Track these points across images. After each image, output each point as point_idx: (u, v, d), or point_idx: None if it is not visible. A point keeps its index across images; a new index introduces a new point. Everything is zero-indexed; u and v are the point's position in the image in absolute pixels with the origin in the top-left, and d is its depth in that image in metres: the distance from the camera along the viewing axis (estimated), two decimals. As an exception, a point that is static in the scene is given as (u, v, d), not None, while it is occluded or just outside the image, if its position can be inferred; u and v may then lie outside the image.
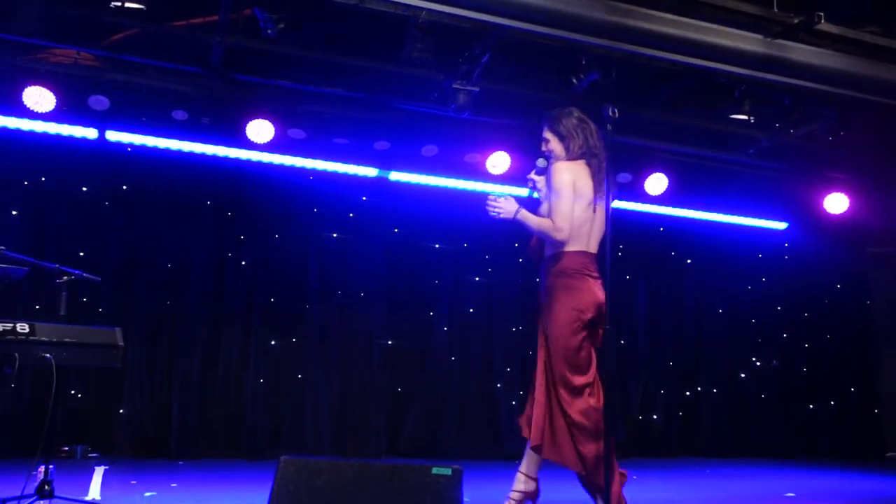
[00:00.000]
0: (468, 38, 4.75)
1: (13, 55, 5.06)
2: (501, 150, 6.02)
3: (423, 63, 4.53)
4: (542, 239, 3.71)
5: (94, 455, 5.51)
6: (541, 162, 3.83)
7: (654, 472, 5.87)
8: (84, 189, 5.78)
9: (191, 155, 5.85)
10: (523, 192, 6.62)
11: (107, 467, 4.16)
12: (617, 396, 6.80)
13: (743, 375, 7.54)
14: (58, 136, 5.48)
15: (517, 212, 3.63)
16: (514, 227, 4.42)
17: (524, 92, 5.43)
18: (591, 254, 3.69)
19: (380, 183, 6.32)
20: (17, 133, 5.39)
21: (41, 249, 5.40)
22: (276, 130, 5.59)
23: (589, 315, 3.60)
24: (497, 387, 6.71)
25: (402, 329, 6.56)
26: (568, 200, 3.60)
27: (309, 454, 5.85)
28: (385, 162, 6.17)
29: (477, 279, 6.85)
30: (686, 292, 7.50)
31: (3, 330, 2.99)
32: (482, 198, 6.51)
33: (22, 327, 3.06)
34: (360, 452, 6.10)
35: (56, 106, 5.15)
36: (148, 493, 4.26)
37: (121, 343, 3.36)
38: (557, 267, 3.63)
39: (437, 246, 6.74)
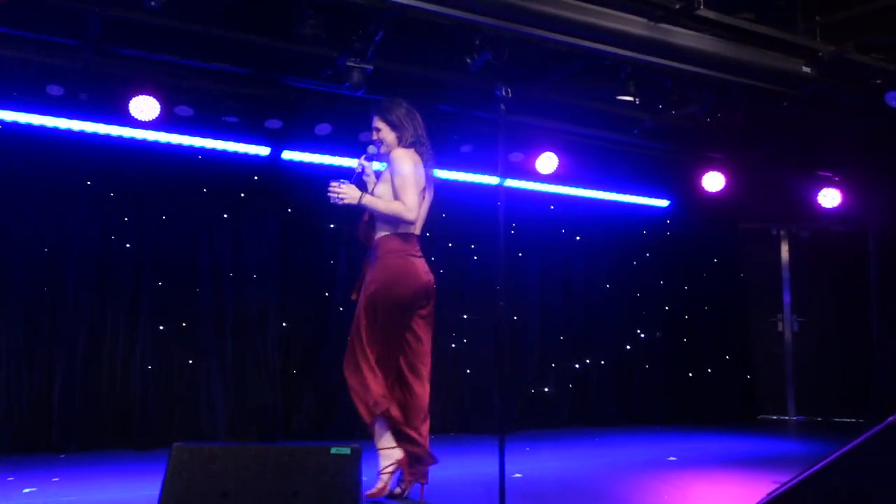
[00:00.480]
0: (362, 16, 4.70)
1: None
2: (395, 129, 6.00)
3: (315, 40, 4.45)
4: (374, 222, 3.95)
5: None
6: (371, 149, 4.05)
7: (546, 443, 6.09)
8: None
9: (68, 132, 5.55)
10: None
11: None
12: (511, 371, 6.99)
13: (629, 347, 7.88)
14: None
15: (361, 197, 3.87)
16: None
17: (419, 71, 5.44)
18: (417, 236, 4.00)
19: (272, 162, 6.19)
20: None
21: None
22: (161, 107, 5.38)
23: (416, 291, 3.88)
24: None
25: (298, 310, 6.47)
26: (413, 185, 3.88)
27: (204, 440, 5.71)
28: (277, 141, 6.05)
29: (372, 259, 6.83)
30: (575, 268, 7.75)
31: None
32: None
33: None
34: (258, 436, 6.00)
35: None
36: (27, 490, 4.07)
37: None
38: (388, 247, 3.89)
39: (331, 226, 6.66)
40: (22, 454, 5.28)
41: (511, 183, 7.03)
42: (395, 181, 3.88)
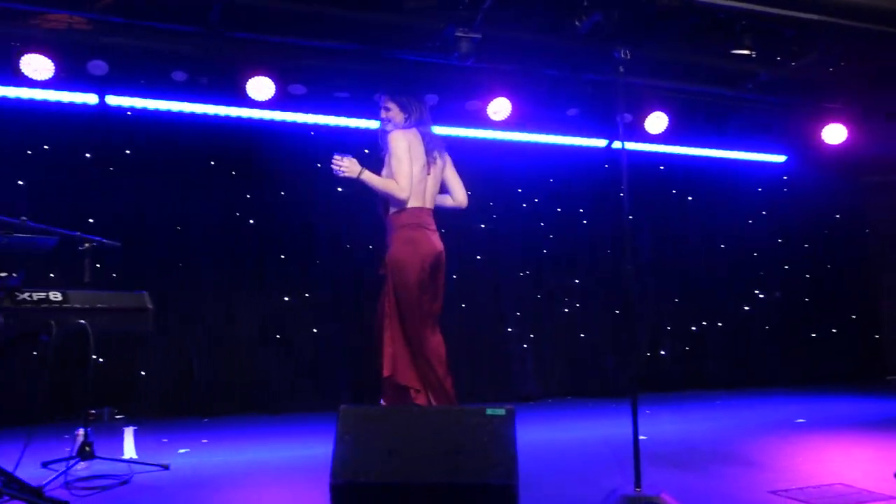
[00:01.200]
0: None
1: (7, 23, 4.99)
2: (503, 96, 6.01)
3: (423, 12, 4.49)
4: (385, 198, 4.28)
5: (121, 417, 5.62)
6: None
7: (664, 406, 6.04)
8: (88, 155, 5.75)
9: (192, 116, 5.82)
10: (526, 137, 6.68)
11: (135, 428, 4.26)
12: (626, 334, 6.95)
13: (746, 308, 7.67)
14: (58, 104, 5.45)
15: (361, 172, 4.24)
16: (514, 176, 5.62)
17: (527, 37, 5.39)
18: (428, 209, 4.33)
19: (383, 135, 6.30)
20: (18, 102, 5.35)
21: (51, 218, 5.39)
22: (276, 87, 5.55)
23: (429, 262, 4.19)
24: (509, 331, 6.83)
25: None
26: (406, 163, 4.21)
27: (330, 406, 5.97)
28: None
29: (483, 226, 6.90)
30: (689, 230, 7.57)
31: (38, 299, 3.04)
32: (485, 145, 6.59)
33: (55, 295, 3.11)
34: (378, 402, 6.22)
35: (55, 72, 5.09)
36: (182, 450, 4.38)
37: (150, 306, 3.44)
38: (400, 222, 4.24)
39: (440, 195, 6.76)
40: (168, 418, 5.68)
41: (618, 144, 6.92)
42: (391, 162, 4.24)
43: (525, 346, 6.87)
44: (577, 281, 7.13)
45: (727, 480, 3.52)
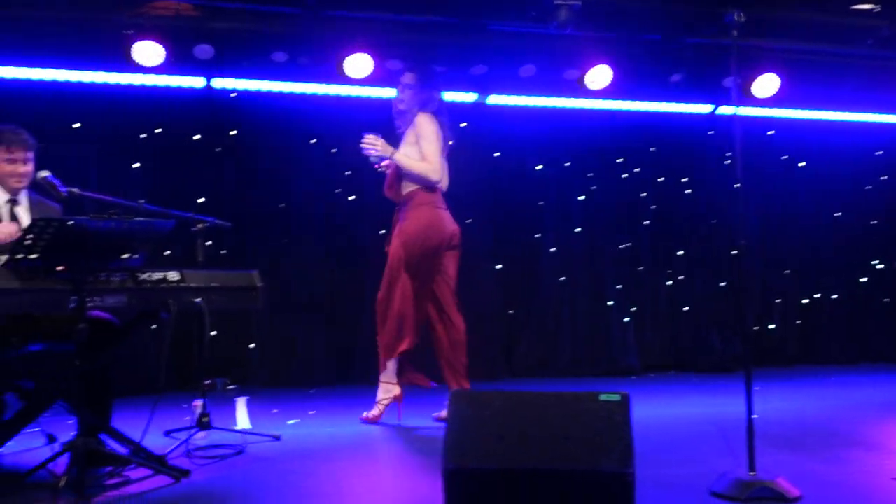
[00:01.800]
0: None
1: (119, 12, 5.21)
2: (602, 63, 5.84)
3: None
4: (401, 179, 4.41)
5: (233, 387, 5.87)
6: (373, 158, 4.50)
7: (774, 383, 5.81)
8: (196, 137, 5.96)
9: (292, 95, 5.94)
10: (625, 105, 6.48)
11: (247, 398, 4.44)
12: (732, 307, 6.71)
13: (863, 280, 7.26)
14: (167, 88, 5.66)
15: (393, 152, 4.34)
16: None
17: (627, 3, 5.21)
18: (443, 191, 4.49)
19: (478, 108, 6.27)
20: (130, 88, 5.59)
21: (164, 199, 5.63)
22: (374, 64, 5.59)
23: (446, 241, 4.36)
24: (608, 304, 6.72)
25: (510, 253, 6.61)
26: (436, 145, 4.33)
27: (435, 380, 6.05)
28: (483, 86, 6.10)
29: (581, 198, 6.78)
30: (800, 197, 7.21)
31: (158, 279, 3.18)
32: (583, 115, 6.44)
33: (173, 275, 3.24)
34: (478, 376, 6.25)
35: (164, 58, 5.29)
36: (291, 421, 4.54)
37: (259, 284, 3.53)
38: (418, 200, 4.35)
39: (539, 167, 6.69)
40: (277, 388, 5.89)
41: (724, 110, 6.63)
42: (422, 144, 4.31)
43: (625, 319, 6.75)
44: (680, 252, 6.92)
45: (847, 465, 3.36)
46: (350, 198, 6.28)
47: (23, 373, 3.24)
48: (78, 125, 5.69)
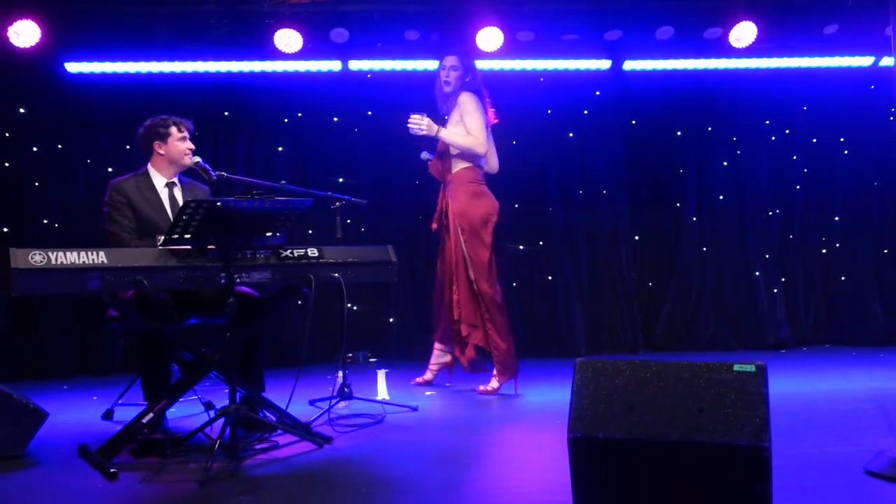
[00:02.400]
0: None
1: (260, 3, 5.46)
2: (747, 20, 5.50)
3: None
4: (447, 158, 4.55)
5: (374, 360, 6.08)
6: (424, 155, 4.76)
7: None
8: (335, 119, 6.17)
9: (425, 73, 6.00)
10: (772, 62, 6.07)
11: (387, 370, 4.58)
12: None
13: None
14: (307, 73, 5.88)
15: (438, 130, 4.44)
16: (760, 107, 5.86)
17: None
18: (492, 173, 4.76)
19: (613, 75, 6.09)
20: (273, 75, 5.86)
21: (306, 180, 5.90)
22: (504, 36, 5.55)
23: (490, 213, 4.54)
24: (755, 275, 6.38)
25: (649, 223, 6.42)
26: (481, 121, 4.47)
27: (567, 353, 6.01)
28: (617, 52, 5.91)
29: (725, 164, 6.46)
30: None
31: (299, 255, 3.33)
32: (725, 75, 6.11)
33: (312, 252, 3.38)
34: (616, 349, 6.15)
35: (303, 44, 5.50)
36: (428, 392, 4.65)
37: (394, 259, 3.63)
38: (466, 178, 4.53)
39: (678, 133, 6.43)
40: (414, 361, 6.02)
41: (887, 61, 6.07)
42: (467, 120, 4.43)
43: (775, 290, 6.38)
44: (836, 218, 6.45)
45: None
46: (483, 172, 6.29)
47: (182, 345, 3.49)
48: (227, 113, 6.05)
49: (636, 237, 6.39)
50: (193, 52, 5.61)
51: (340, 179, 6.04)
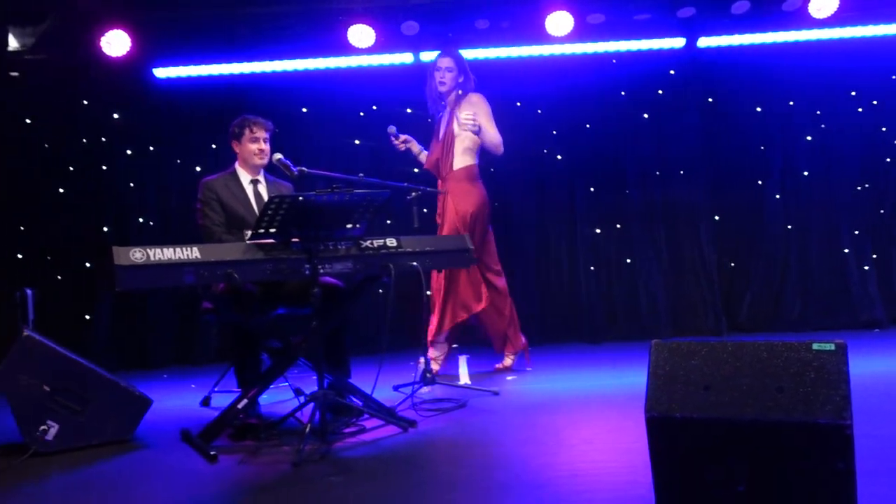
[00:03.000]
0: None
1: (334, 1, 5.60)
2: (827, -11, 5.32)
3: None
4: (452, 153, 4.75)
5: (455, 346, 6.17)
6: (391, 129, 4.79)
7: None
8: (409, 111, 6.25)
9: (496, 61, 6.03)
10: (856, 31, 5.83)
11: (468, 356, 4.67)
12: None
13: None
14: (380, 67, 5.99)
15: (480, 126, 4.62)
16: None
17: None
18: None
19: (688, 53, 5.98)
20: (347, 71, 5.99)
21: (383, 171, 6.01)
22: (574, 19, 5.53)
23: (490, 206, 4.85)
24: (845, 252, 6.17)
25: (730, 201, 6.28)
26: (493, 123, 4.75)
27: (648, 335, 5.97)
28: (691, 29, 5.80)
29: (809, 139, 6.26)
30: None
31: (378, 246, 3.45)
32: (805, 48, 5.91)
33: (391, 241, 3.49)
34: (699, 331, 6.07)
35: (375, 38, 5.61)
36: (510, 377, 4.72)
37: (471, 246, 3.70)
38: (474, 173, 4.78)
39: (758, 109, 6.26)
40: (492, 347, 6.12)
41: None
42: (485, 120, 4.67)
43: (866, 267, 6.16)
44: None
45: None
46: (558, 157, 6.30)
47: (271, 335, 3.66)
48: (305, 109, 6.23)
49: (716, 217, 6.28)
50: (272, 51, 5.80)
51: (416, 170, 6.13)
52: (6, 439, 3.53)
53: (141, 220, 6.19)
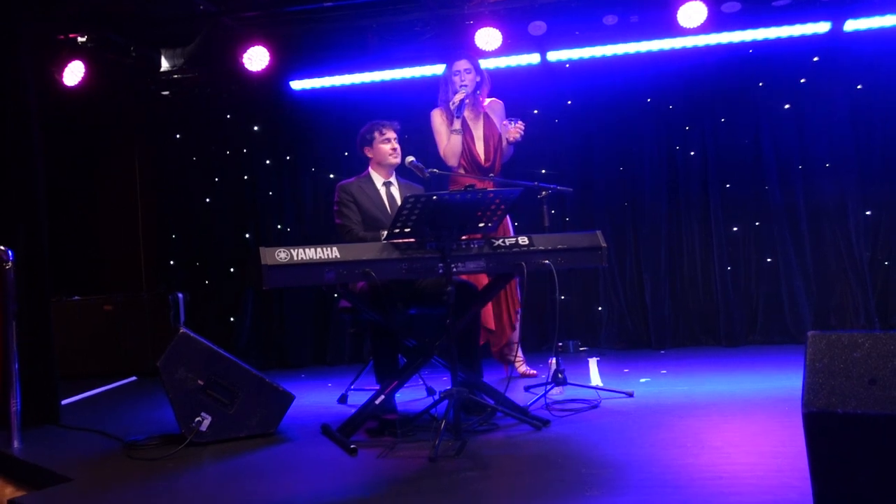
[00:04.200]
0: None
1: (461, 6, 5.66)
2: None
3: None
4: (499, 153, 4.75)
5: (584, 349, 6.09)
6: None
7: None
8: (535, 112, 6.24)
9: (625, 57, 5.90)
10: None
11: (598, 359, 4.59)
12: None
13: None
14: (507, 68, 5.99)
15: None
16: None
17: None
18: None
19: (833, 37, 5.62)
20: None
21: (512, 172, 6.01)
22: (708, 10, 5.33)
23: None
24: None
25: (882, 196, 5.83)
26: None
27: (792, 340, 5.67)
28: (837, 12, 5.45)
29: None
30: None
31: (510, 244, 3.45)
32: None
33: (523, 240, 3.48)
34: (845, 328, 5.68)
35: (502, 40, 5.62)
36: (643, 380, 4.60)
37: (604, 244, 3.63)
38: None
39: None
40: (627, 350, 5.99)
41: None
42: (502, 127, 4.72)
43: None
44: None
45: None
46: (691, 153, 6.09)
47: (407, 332, 3.74)
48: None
49: (867, 212, 5.86)
50: (401, 58, 5.94)
51: (543, 171, 6.11)
52: (166, 430, 3.77)
53: (279, 226, 6.49)
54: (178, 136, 6.69)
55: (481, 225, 3.39)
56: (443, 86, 4.81)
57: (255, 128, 6.57)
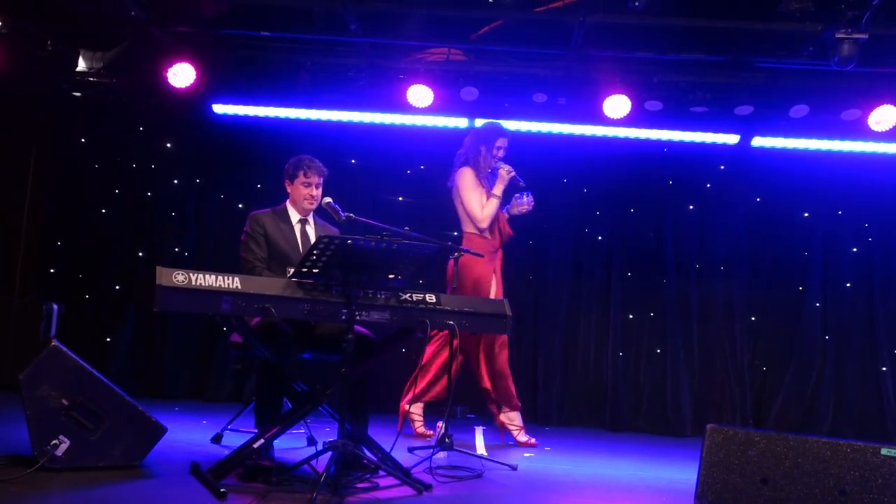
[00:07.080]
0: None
1: (397, 59, 5.70)
2: (888, 103, 5.31)
3: (801, 15, 4.15)
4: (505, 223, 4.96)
5: (472, 416, 6.03)
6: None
7: None
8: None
9: (549, 136, 6.06)
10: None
11: (484, 428, 4.54)
12: None
13: None
14: (434, 128, 6.04)
15: None
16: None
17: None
18: None
19: (740, 150, 5.96)
20: (401, 128, 6.04)
21: (423, 230, 6.00)
22: (632, 104, 5.55)
23: None
24: (882, 370, 5.99)
25: (768, 304, 6.16)
26: None
27: (671, 431, 5.81)
28: (747, 127, 5.80)
29: (855, 250, 6.16)
30: None
31: (417, 300, 3.39)
32: (863, 159, 5.91)
33: (430, 298, 3.44)
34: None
35: (433, 99, 5.67)
36: (527, 454, 4.57)
37: (509, 313, 3.63)
38: None
39: (805, 215, 6.20)
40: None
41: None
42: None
43: (905, 389, 5.96)
44: None
45: None
46: (598, 237, 6.25)
47: (299, 376, 3.59)
48: (354, 161, 6.29)
49: (752, 317, 6.15)
50: (329, 100, 5.87)
51: (455, 233, 6.11)
52: (15, 450, 3.45)
53: (177, 249, 6.21)
54: (83, 140, 6.36)
55: (391, 276, 3.32)
56: (474, 146, 4.91)
57: (168, 145, 6.33)
